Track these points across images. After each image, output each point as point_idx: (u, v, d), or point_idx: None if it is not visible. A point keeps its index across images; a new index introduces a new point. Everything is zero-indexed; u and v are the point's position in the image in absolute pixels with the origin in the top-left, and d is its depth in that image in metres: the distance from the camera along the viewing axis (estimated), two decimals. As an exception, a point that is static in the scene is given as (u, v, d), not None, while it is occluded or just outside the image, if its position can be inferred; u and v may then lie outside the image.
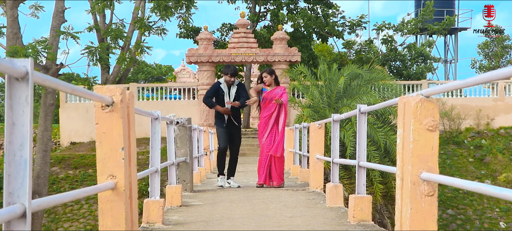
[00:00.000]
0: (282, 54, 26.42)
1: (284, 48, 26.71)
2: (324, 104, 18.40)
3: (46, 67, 19.52)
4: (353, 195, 5.46)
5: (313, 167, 8.49)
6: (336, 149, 6.86)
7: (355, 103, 18.06)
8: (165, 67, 59.40)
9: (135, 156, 3.91)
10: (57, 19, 19.88)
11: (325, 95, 18.61)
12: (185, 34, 33.37)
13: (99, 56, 19.29)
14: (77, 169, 24.69)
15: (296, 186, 9.46)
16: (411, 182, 3.45)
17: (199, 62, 26.41)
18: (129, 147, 3.70)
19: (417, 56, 32.77)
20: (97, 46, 19.27)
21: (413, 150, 3.44)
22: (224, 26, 35.56)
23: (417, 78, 31.64)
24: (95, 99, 3.45)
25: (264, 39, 32.76)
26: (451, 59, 41.71)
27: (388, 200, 17.92)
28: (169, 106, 27.77)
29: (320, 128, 8.45)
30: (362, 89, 18.53)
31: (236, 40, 26.80)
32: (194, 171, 10.30)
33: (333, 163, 6.86)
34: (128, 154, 3.66)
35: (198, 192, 8.76)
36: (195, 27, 33.22)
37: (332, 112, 17.95)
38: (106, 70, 30.95)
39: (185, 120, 8.38)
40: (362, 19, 30.87)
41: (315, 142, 8.46)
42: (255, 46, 26.77)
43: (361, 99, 18.09)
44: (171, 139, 6.98)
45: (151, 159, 5.44)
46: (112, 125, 3.53)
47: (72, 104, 27.99)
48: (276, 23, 31.81)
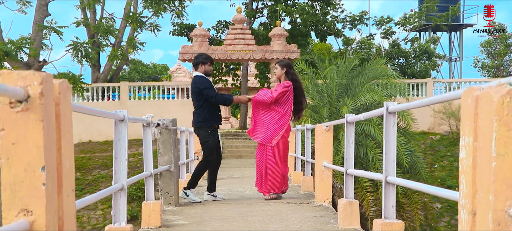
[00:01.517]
0: (281, 51, 25.14)
1: (282, 44, 25.42)
2: (325, 103, 17.16)
3: (28, 64, 18.24)
4: (380, 221, 4.18)
5: (320, 177, 7.22)
6: (351, 158, 5.61)
7: (358, 102, 16.87)
8: (160, 66, 58.08)
9: (73, 178, 2.62)
10: (40, 12, 18.60)
11: (325, 93, 17.39)
12: (178, 31, 32.20)
13: (85, 52, 17.95)
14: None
15: (299, 198, 8.18)
16: (494, 220, 2.19)
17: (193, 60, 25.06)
18: (59, 166, 2.42)
19: (421, 53, 31.51)
20: (82, 41, 17.91)
21: (497, 171, 2.18)
22: (220, 24, 34.40)
23: (421, 77, 30.43)
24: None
25: (261, 36, 31.55)
26: (456, 57, 40.40)
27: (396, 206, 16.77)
28: (162, 106, 26.46)
29: (328, 130, 7.18)
30: (365, 87, 17.31)
31: (232, 37, 25.51)
32: (182, 179, 9.02)
33: (347, 175, 5.60)
34: (57, 176, 2.39)
35: (185, 206, 7.47)
36: (189, 25, 32.05)
37: (334, 112, 16.80)
38: (96, 68, 29.72)
39: (168, 122, 7.11)
40: (364, 15, 29.63)
41: (322, 147, 7.19)
42: (252, 43, 25.47)
43: (365, 97, 16.93)
44: (148, 145, 5.71)
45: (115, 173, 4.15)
46: (26, 132, 2.24)
47: (60, 104, 26.64)
48: (274, 20, 30.60)
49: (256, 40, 27.48)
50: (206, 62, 7.97)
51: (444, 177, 22.88)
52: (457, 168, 23.51)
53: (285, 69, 7.86)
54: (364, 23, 30.05)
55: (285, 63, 7.94)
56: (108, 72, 29.99)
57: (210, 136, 7.86)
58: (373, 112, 5.01)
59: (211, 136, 7.87)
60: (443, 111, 25.29)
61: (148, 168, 5.71)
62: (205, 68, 7.96)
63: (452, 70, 40.26)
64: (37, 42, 18.62)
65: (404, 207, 16.59)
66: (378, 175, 4.78)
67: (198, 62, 7.98)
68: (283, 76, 7.87)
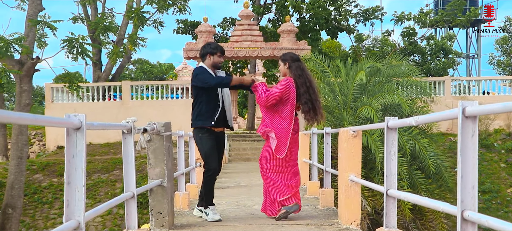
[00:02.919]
0: (290, 48, 23.78)
1: (292, 41, 24.08)
2: (339, 104, 15.83)
3: (20, 61, 16.99)
4: None
5: (346, 193, 5.90)
6: (393, 175, 4.29)
7: (376, 102, 15.57)
8: (166, 66, 56.85)
9: None
10: (34, 6, 17.34)
11: (340, 93, 16.05)
12: (183, 29, 30.98)
13: (81, 49, 16.67)
14: (62, 176, 22.13)
15: (318, 216, 6.84)
16: None
17: (198, 57, 23.71)
18: None
19: (438, 50, 30.04)
20: (77, 37, 16.63)
21: None
22: (226, 21, 33.18)
23: (438, 74, 29.01)
24: None
25: (269, 33, 30.26)
26: (473, 54, 38.75)
27: (416, 214, 15.52)
28: (165, 106, 25.17)
29: (355, 136, 5.85)
30: (385, 87, 15.96)
31: (239, 33, 24.19)
32: (180, 193, 7.71)
33: (389, 197, 4.27)
34: None
35: (181, 228, 6.16)
36: (194, 22, 30.83)
37: (350, 113, 15.46)
38: (98, 66, 28.53)
39: (159, 126, 5.79)
40: (378, 10, 28.25)
41: (348, 157, 5.86)
42: (260, 40, 24.14)
43: (384, 97, 15.61)
44: (129, 158, 4.42)
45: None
46: None
47: (58, 104, 25.41)
48: (282, 16, 29.30)
49: (264, 37, 26.18)
50: (215, 52, 6.58)
51: (466, 181, 21.43)
52: (479, 171, 22.10)
53: (287, 63, 6.55)
54: (379, 18, 28.65)
55: (288, 57, 6.61)
56: (110, 70, 28.76)
57: (201, 140, 6.51)
58: (442, 115, 3.67)
59: (203, 140, 6.50)
60: (462, 111, 23.85)
61: (129, 187, 4.42)
62: (214, 59, 6.58)
63: (470, 67, 38.69)
64: (30, 39, 17.36)
65: (427, 215, 15.33)
66: (448, 207, 3.39)
67: (206, 53, 6.62)
68: (287, 72, 6.58)
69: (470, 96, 24.78)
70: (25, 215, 19.69)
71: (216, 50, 6.59)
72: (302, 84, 6.48)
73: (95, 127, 3.68)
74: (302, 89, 6.46)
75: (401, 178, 14.03)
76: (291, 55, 6.63)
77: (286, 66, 6.55)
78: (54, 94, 25.19)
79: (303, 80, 6.50)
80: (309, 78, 6.63)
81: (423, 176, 15.18)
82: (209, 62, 6.57)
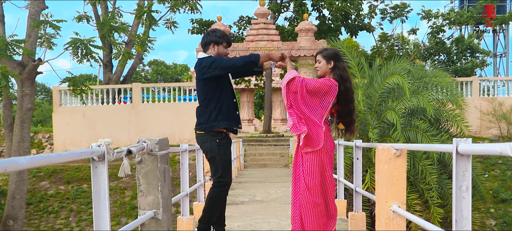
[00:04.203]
0: (309, 48, 22.59)
1: (310, 40, 22.85)
2: (364, 107, 14.59)
3: (22, 64, 15.95)
4: None
5: (386, 225, 4.68)
6: (466, 219, 3.07)
7: (402, 106, 14.35)
8: (181, 67, 55.83)
9: None
10: (36, 4, 16.30)
11: (365, 96, 14.82)
12: (198, 29, 29.98)
13: (86, 50, 15.58)
14: (70, 184, 21.11)
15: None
16: None
17: (212, 58, 22.59)
18: None
19: (464, 49, 28.57)
20: (83, 38, 15.56)
21: None
22: (242, 19, 32.09)
23: (465, 74, 27.57)
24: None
25: (286, 33, 29.07)
26: (501, 53, 37.12)
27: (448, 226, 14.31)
28: (177, 109, 24.01)
29: (399, 155, 4.63)
30: (411, 89, 14.69)
31: (255, 32, 23.01)
32: (184, 217, 6.53)
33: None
34: None
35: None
36: (209, 21, 29.81)
37: (374, 117, 14.21)
38: (109, 68, 27.53)
39: (152, 144, 4.62)
40: (405, 7, 26.95)
41: (389, 181, 4.65)
42: (277, 39, 22.93)
43: (410, 101, 14.37)
44: (100, 193, 3.28)
45: None
46: None
47: (67, 108, 24.37)
48: (300, 14, 28.09)
49: (281, 36, 24.96)
50: (221, 42, 5.41)
51: (497, 188, 20.06)
52: (510, 177, 20.69)
53: (332, 62, 5.22)
54: (404, 16, 27.34)
55: (332, 53, 5.26)
56: (121, 72, 27.72)
57: (220, 147, 5.27)
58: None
59: (222, 147, 5.27)
60: (492, 113, 22.43)
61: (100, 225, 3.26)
62: (218, 50, 5.42)
63: (498, 67, 37.01)
64: (33, 39, 16.31)
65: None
66: None
67: (209, 41, 5.43)
68: (328, 72, 5.26)
69: (499, 98, 23.35)
70: (29, 225, 18.67)
71: (221, 39, 5.41)
72: (348, 91, 5.25)
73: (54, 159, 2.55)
74: (347, 97, 5.23)
75: (430, 188, 12.86)
76: (335, 52, 5.31)
77: (331, 65, 5.22)
78: (62, 97, 24.17)
79: (349, 86, 5.26)
80: (352, 84, 5.35)
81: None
82: (213, 52, 5.40)
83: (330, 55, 5.22)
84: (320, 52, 5.30)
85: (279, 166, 22.46)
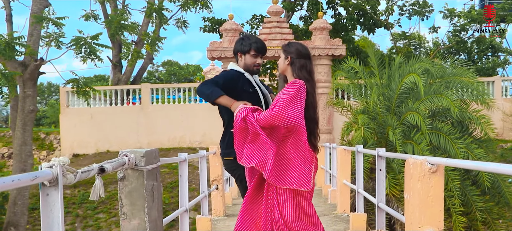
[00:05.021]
0: (323, 47, 21.71)
1: (325, 39, 21.96)
2: (382, 108, 13.78)
3: (23, 63, 15.29)
4: None
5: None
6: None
7: (423, 107, 13.53)
8: (193, 67, 55.18)
9: None
10: (38, 2, 15.63)
11: (384, 96, 14.04)
12: (210, 28, 29.22)
13: (90, 49, 14.88)
14: (76, 188, 20.47)
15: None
16: None
17: (223, 58, 21.80)
18: None
19: (486, 48, 27.57)
20: (86, 37, 14.86)
21: None
22: (255, 18, 31.31)
23: (487, 74, 26.56)
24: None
25: (300, 32, 28.24)
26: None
27: None
28: (187, 111, 23.22)
29: (435, 172, 3.81)
30: (432, 88, 13.85)
31: (268, 31, 22.17)
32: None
33: None
34: None
35: None
36: (221, 20, 29.06)
37: (394, 119, 13.39)
38: (118, 69, 26.89)
39: (137, 157, 3.85)
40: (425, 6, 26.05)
41: (422, 201, 3.84)
42: (291, 38, 22.07)
43: (431, 101, 13.55)
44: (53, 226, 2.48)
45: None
46: None
47: (74, 109, 23.71)
48: (314, 13, 27.24)
49: (295, 35, 24.10)
50: (247, 50, 4.57)
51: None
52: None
53: (290, 57, 4.26)
54: (425, 15, 26.47)
55: (293, 48, 4.29)
56: (130, 73, 27.06)
57: (240, 172, 4.48)
58: None
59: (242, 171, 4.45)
60: (516, 114, 21.47)
61: None
62: (246, 60, 4.58)
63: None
64: (35, 38, 15.64)
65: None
66: None
67: (235, 51, 4.68)
68: (288, 70, 4.31)
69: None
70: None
71: (248, 46, 4.55)
72: (309, 94, 4.21)
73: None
74: (308, 101, 4.19)
75: (452, 195, 12.04)
76: (298, 47, 4.31)
77: (288, 60, 4.27)
78: (70, 98, 23.52)
79: (310, 86, 4.23)
80: (314, 84, 4.31)
81: (478, 192, 13.15)
82: (241, 64, 4.60)
83: (289, 50, 4.28)
84: (282, 46, 4.38)
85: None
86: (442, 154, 12.87)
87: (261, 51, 4.58)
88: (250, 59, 4.55)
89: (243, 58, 4.57)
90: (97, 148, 23.34)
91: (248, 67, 4.55)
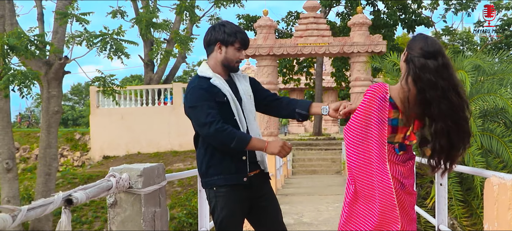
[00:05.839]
0: (363, 44, 20.61)
1: (364, 35, 20.84)
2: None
3: (48, 62, 14.61)
4: None
5: None
6: None
7: (474, 107, 12.31)
8: (228, 66, 54.55)
9: None
10: (62, 1, 14.96)
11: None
12: (244, 25, 28.46)
13: (116, 46, 14.11)
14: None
15: None
16: None
17: (257, 56, 20.90)
18: None
19: (538, 41, 26.09)
20: (111, 32, 14.09)
21: None
22: (290, 15, 30.41)
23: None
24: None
25: (338, 28, 27.17)
26: None
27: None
28: (220, 111, 22.37)
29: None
30: (485, 86, 12.63)
31: (304, 27, 21.16)
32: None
33: None
34: None
35: None
36: (256, 17, 28.26)
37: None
38: (150, 68, 26.23)
39: (134, 177, 2.94)
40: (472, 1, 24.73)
41: None
42: (328, 35, 21.02)
43: (484, 100, 12.33)
44: None
45: None
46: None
47: (104, 110, 23.10)
48: (353, 9, 26.15)
49: (332, 32, 23.02)
50: (232, 42, 3.45)
51: None
52: None
53: (406, 53, 3.15)
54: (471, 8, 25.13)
55: (414, 44, 3.14)
56: (162, 72, 26.36)
57: (218, 204, 3.46)
58: None
59: (223, 204, 3.45)
60: None
61: None
62: (227, 53, 3.46)
63: None
64: (60, 35, 14.96)
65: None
66: None
67: (214, 40, 3.48)
68: (404, 67, 3.19)
69: None
70: (60, 236, 17.37)
71: (232, 37, 3.44)
72: (434, 99, 3.06)
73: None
74: (435, 110, 3.07)
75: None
76: (422, 39, 3.16)
77: (404, 56, 3.19)
78: (100, 98, 22.92)
79: (435, 93, 3.07)
80: (453, 81, 3.11)
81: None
82: (220, 57, 3.47)
83: (409, 45, 3.18)
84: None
85: (330, 172, 20.60)
86: (495, 159, 11.70)
87: (247, 44, 3.53)
88: (233, 53, 3.47)
89: (223, 51, 3.45)
90: (127, 149, 22.69)
91: (229, 63, 3.47)
